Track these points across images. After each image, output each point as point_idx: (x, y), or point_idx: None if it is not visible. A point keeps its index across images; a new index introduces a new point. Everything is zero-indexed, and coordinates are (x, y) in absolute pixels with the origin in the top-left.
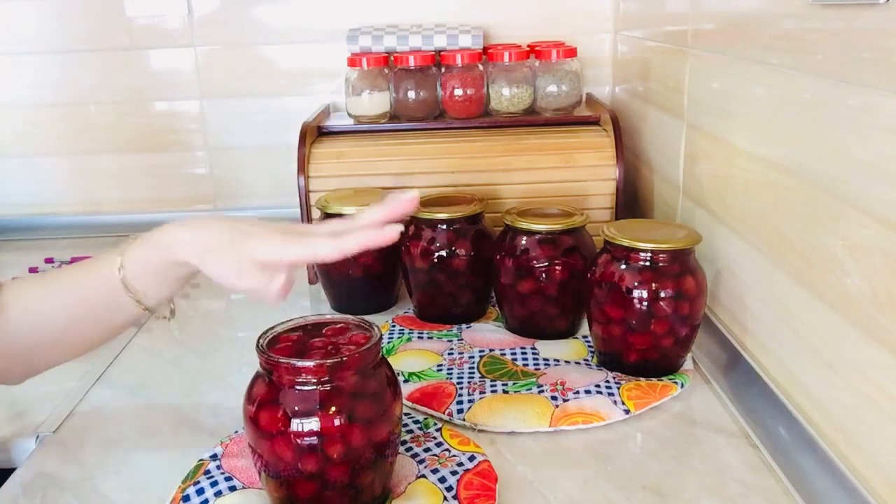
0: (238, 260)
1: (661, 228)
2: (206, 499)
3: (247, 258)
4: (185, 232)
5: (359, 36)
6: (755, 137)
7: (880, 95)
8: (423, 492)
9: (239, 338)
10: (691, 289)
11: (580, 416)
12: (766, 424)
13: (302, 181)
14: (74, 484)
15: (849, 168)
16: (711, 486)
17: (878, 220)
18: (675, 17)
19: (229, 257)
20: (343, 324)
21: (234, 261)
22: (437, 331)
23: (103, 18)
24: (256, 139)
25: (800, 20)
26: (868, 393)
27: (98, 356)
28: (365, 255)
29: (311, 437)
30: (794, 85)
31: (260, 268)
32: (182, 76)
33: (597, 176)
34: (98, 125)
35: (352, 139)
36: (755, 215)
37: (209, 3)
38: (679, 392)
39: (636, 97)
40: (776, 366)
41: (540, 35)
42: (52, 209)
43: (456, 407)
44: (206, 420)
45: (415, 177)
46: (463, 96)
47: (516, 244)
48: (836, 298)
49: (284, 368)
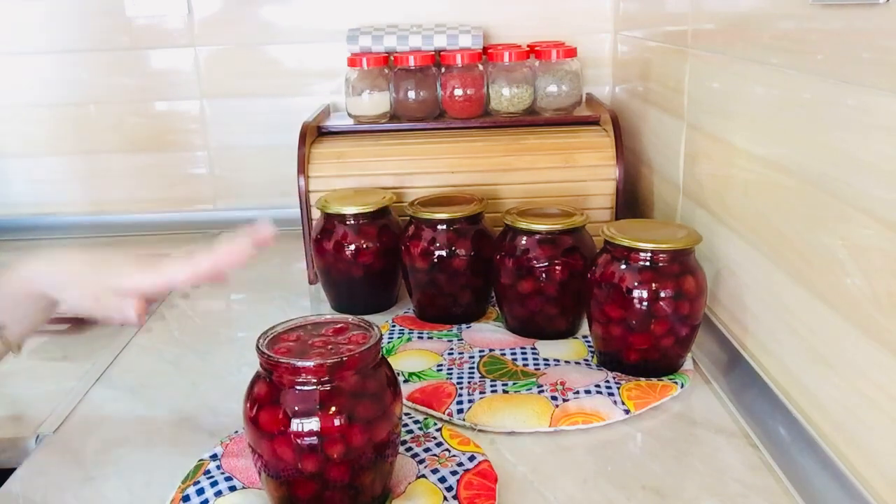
0: (96, 289)
1: (661, 228)
2: (206, 499)
3: (104, 287)
4: (42, 265)
5: (359, 36)
6: (755, 137)
7: (880, 95)
8: (423, 492)
9: (239, 338)
10: (691, 289)
11: (580, 416)
12: (766, 424)
13: (302, 181)
14: (74, 484)
15: (849, 168)
16: (711, 486)
17: (878, 220)
18: (675, 17)
19: (88, 287)
20: (343, 324)
21: (93, 290)
22: (437, 331)
23: (103, 18)
24: (257, 139)
25: (800, 20)
26: (868, 393)
27: (98, 356)
28: (365, 255)
29: (311, 437)
30: (794, 85)
31: (118, 296)
32: (182, 76)
33: (597, 176)
34: (98, 125)
35: (352, 139)
36: (755, 215)
37: (209, 3)
38: (679, 392)
39: (636, 97)
40: (776, 366)
41: (540, 35)
42: (53, 209)
43: (456, 407)
44: (206, 420)
45: (415, 177)
46: (463, 96)
47: (516, 244)
48: (836, 298)
49: (284, 368)
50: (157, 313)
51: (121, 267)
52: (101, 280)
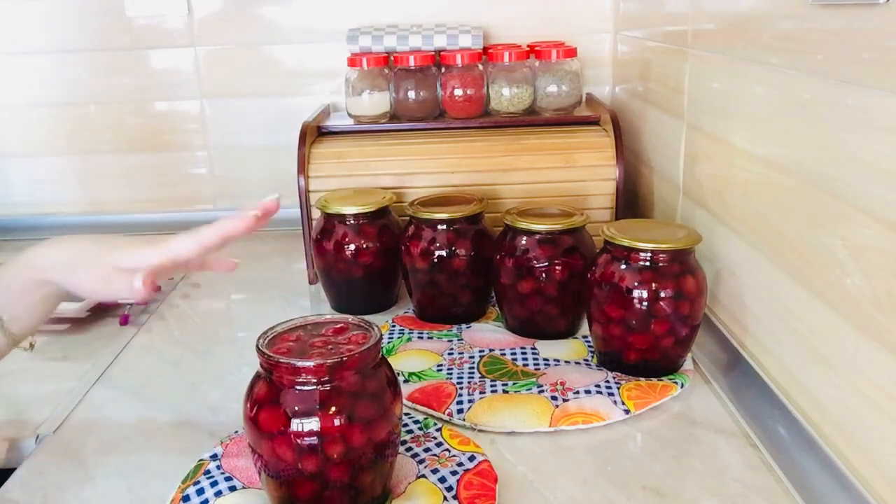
0: (105, 269)
1: (661, 228)
2: (206, 499)
3: (111, 266)
4: (47, 250)
5: (359, 36)
6: (755, 137)
7: (880, 95)
8: (423, 492)
9: (239, 338)
10: (691, 289)
11: (580, 416)
12: (766, 424)
13: (302, 181)
14: (74, 484)
15: (849, 168)
16: (711, 486)
17: (878, 220)
18: (675, 17)
19: (95, 267)
20: (343, 324)
21: (100, 270)
22: (437, 331)
23: (103, 18)
24: (257, 139)
25: (800, 20)
26: (868, 393)
27: (98, 356)
28: (365, 255)
29: (311, 437)
30: (794, 85)
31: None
32: (182, 76)
33: (597, 176)
34: (98, 125)
35: (352, 139)
36: (755, 215)
37: (209, 3)
38: (679, 392)
39: (636, 97)
40: (776, 366)
41: (540, 35)
42: (53, 209)
43: (456, 407)
44: (206, 420)
45: (415, 177)
46: (463, 96)
47: (516, 244)
48: (836, 298)
49: (284, 368)
50: (157, 313)
51: (125, 245)
52: (107, 259)
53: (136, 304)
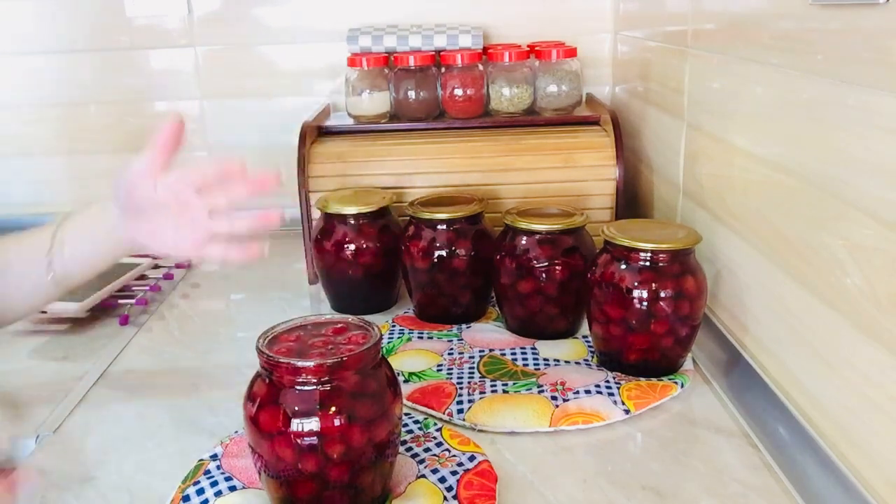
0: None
1: (661, 228)
2: (206, 499)
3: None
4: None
5: (359, 36)
6: (755, 137)
7: (880, 95)
8: (423, 492)
9: (239, 338)
10: (691, 289)
11: (580, 416)
12: (766, 424)
13: (302, 181)
14: (74, 484)
15: (849, 168)
16: (711, 486)
17: (878, 220)
18: (675, 17)
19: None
20: (343, 324)
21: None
22: (437, 331)
23: (103, 18)
24: (256, 139)
25: (799, 20)
26: (868, 393)
27: (98, 356)
28: (365, 255)
29: (311, 437)
30: (794, 85)
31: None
32: (182, 76)
33: (597, 176)
34: (98, 125)
35: (352, 139)
36: (755, 215)
37: (209, 3)
38: (679, 392)
39: (636, 97)
40: (776, 366)
41: (540, 35)
42: (53, 209)
43: (456, 407)
44: (206, 420)
45: (415, 177)
46: (463, 96)
47: (516, 244)
48: (836, 298)
49: (284, 368)
50: (156, 313)
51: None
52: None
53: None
